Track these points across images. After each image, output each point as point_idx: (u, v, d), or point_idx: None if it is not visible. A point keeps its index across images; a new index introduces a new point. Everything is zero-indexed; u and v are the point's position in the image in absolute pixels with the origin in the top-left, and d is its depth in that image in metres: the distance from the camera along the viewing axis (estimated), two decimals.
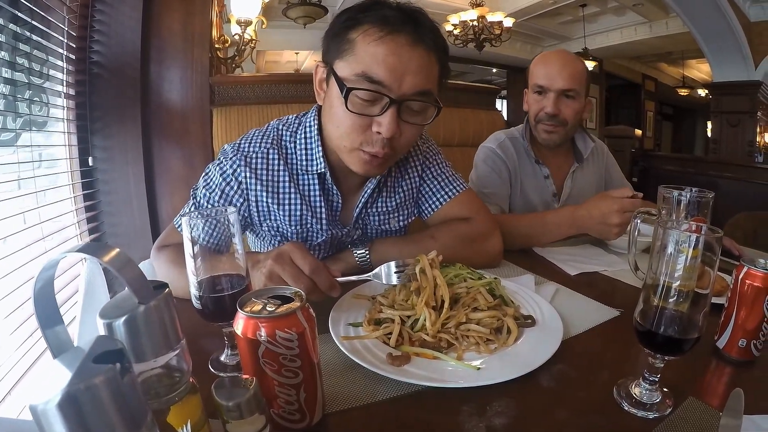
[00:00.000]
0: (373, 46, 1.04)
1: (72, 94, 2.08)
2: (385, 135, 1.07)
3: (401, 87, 1.05)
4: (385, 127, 1.06)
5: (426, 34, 1.08)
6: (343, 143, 1.13)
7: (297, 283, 0.90)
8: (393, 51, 1.04)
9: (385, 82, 1.04)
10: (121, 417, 0.36)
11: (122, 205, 2.34)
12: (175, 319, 0.51)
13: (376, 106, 1.07)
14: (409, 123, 1.11)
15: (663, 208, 1.15)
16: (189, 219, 0.76)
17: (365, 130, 1.09)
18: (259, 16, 3.24)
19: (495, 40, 7.79)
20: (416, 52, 1.06)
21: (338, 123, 1.11)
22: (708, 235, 0.66)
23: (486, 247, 1.36)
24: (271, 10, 6.90)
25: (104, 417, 0.35)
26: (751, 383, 0.80)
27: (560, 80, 1.82)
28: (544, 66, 1.87)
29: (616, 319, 1.04)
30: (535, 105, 1.89)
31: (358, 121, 1.08)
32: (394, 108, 1.06)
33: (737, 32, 7.38)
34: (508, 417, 0.71)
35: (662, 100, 13.78)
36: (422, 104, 1.11)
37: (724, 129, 8.60)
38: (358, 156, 1.13)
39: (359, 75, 1.04)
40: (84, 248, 0.48)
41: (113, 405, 0.36)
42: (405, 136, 1.13)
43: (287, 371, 0.61)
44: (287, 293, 0.66)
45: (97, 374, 0.35)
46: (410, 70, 1.05)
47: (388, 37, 1.04)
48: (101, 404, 0.35)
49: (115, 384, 0.36)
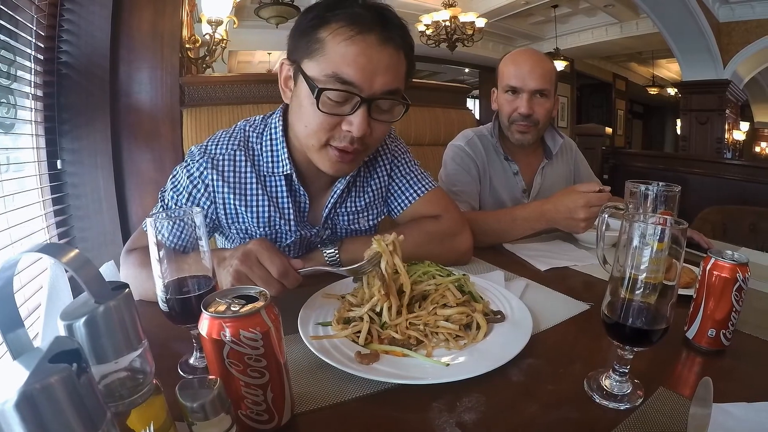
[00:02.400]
0: (343, 46, 1.04)
1: (40, 95, 2.02)
2: (356, 134, 1.07)
3: (372, 86, 1.06)
4: (356, 126, 1.07)
5: (395, 32, 1.09)
6: (311, 142, 1.13)
7: (267, 286, 0.90)
8: (363, 51, 1.04)
9: (356, 83, 1.04)
10: (79, 417, 0.36)
11: (92, 208, 2.29)
12: (136, 320, 0.50)
13: (347, 106, 1.07)
14: (378, 121, 1.12)
15: (630, 203, 1.16)
16: (154, 220, 0.75)
17: (334, 127, 1.09)
18: (231, 15, 3.21)
19: (467, 40, 7.85)
20: (386, 52, 1.06)
21: (307, 122, 1.11)
22: (672, 227, 0.67)
23: (456, 244, 1.37)
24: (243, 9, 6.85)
25: (61, 417, 0.35)
26: (721, 372, 0.83)
27: (532, 81, 1.83)
28: (515, 66, 1.87)
29: (586, 312, 1.06)
30: (507, 106, 1.89)
31: (328, 119, 1.08)
32: (364, 107, 1.06)
33: (706, 32, 7.55)
34: (479, 412, 0.71)
35: (633, 98, 14.06)
36: (391, 102, 1.12)
37: (694, 127, 8.78)
38: (327, 154, 1.13)
39: (330, 76, 1.04)
40: (43, 248, 0.47)
41: (70, 405, 0.35)
42: (375, 134, 1.14)
43: (253, 371, 0.60)
44: (252, 293, 0.66)
45: (52, 374, 0.34)
46: (380, 70, 1.06)
47: (358, 37, 1.04)
48: (58, 404, 0.34)
49: (71, 384, 0.35)
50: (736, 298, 0.86)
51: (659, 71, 12.61)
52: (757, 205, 3.25)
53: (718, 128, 8.62)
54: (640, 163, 6.75)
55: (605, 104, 12.87)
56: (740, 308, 0.87)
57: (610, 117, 12.64)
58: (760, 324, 1.00)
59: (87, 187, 2.27)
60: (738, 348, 0.90)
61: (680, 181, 1.17)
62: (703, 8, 7.27)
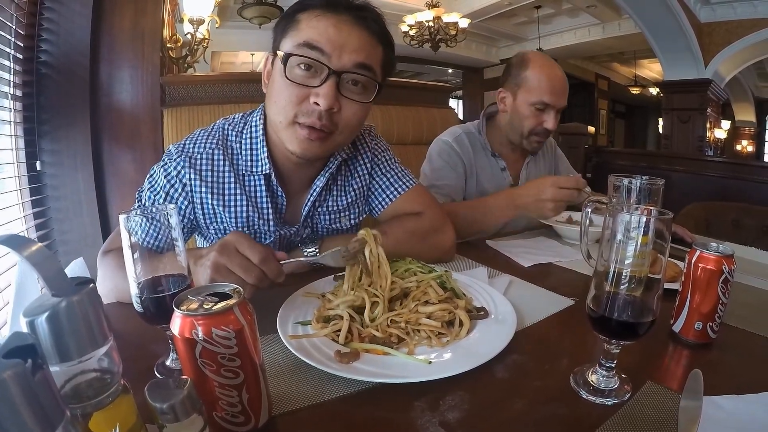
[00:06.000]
0: (315, 20, 1.07)
1: (19, 95, 1.99)
2: (323, 106, 1.07)
3: (341, 58, 1.07)
4: (322, 97, 1.07)
5: (369, 21, 1.11)
6: (279, 119, 1.12)
7: (248, 274, 0.89)
8: (334, 24, 1.07)
9: (325, 49, 1.06)
10: (34, 415, 0.34)
11: (72, 210, 2.26)
12: (101, 316, 0.48)
13: (316, 79, 1.08)
14: (348, 99, 1.12)
15: (614, 197, 1.16)
16: (127, 218, 0.72)
17: (302, 101, 1.09)
18: (213, 15, 3.19)
19: (450, 40, 7.90)
20: (357, 31, 1.09)
21: (276, 97, 1.11)
22: (655, 218, 0.66)
23: (438, 241, 1.36)
24: (226, 9, 6.84)
25: (14, 415, 0.33)
26: (709, 365, 0.82)
27: (563, 99, 1.86)
28: (550, 82, 1.84)
29: (571, 308, 1.05)
30: (533, 119, 1.88)
31: (296, 91, 1.08)
32: (333, 79, 1.07)
33: (688, 33, 7.65)
34: (462, 410, 0.70)
35: (615, 98, 14.22)
36: (363, 79, 1.12)
37: (675, 125, 8.88)
38: (296, 132, 1.12)
39: (300, 44, 1.07)
40: (4, 240, 0.45)
41: (24, 402, 0.33)
42: (345, 114, 1.13)
43: (227, 371, 0.58)
44: (226, 290, 0.64)
45: (5, 369, 0.32)
46: (351, 44, 1.08)
47: (330, 13, 1.07)
48: (10, 401, 0.32)
49: (24, 380, 0.33)
50: (723, 291, 0.86)
51: (641, 71, 12.74)
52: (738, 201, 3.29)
53: (699, 127, 8.72)
54: (623, 161, 6.80)
55: (588, 104, 12.98)
56: (727, 300, 0.87)
57: (593, 116, 12.76)
58: (747, 316, 1.01)
59: (67, 189, 2.24)
60: (725, 341, 0.90)
61: (662, 178, 1.17)
62: (685, 9, 7.36)
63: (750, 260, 1.40)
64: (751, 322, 0.98)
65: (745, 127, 12.95)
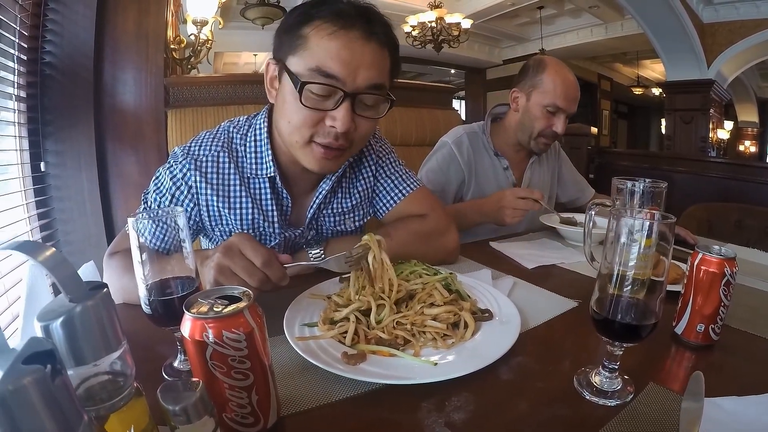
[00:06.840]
0: (326, 40, 1.04)
1: (23, 96, 2.00)
2: (339, 129, 1.07)
3: (355, 81, 1.05)
4: (339, 121, 1.06)
5: (378, 29, 1.08)
6: (295, 138, 1.12)
7: (251, 277, 0.89)
8: (346, 45, 1.04)
9: (339, 76, 1.04)
10: (54, 420, 0.34)
11: (76, 211, 2.26)
12: (114, 320, 0.49)
13: (330, 101, 1.07)
14: (362, 117, 1.11)
15: (617, 199, 1.16)
16: (135, 220, 0.73)
17: (317, 123, 1.09)
18: (216, 16, 3.19)
19: (453, 41, 7.89)
20: (369, 47, 1.06)
21: (290, 118, 1.10)
22: (659, 221, 0.67)
23: (442, 243, 1.36)
24: (229, 10, 6.84)
25: (35, 420, 0.33)
26: (711, 367, 0.83)
27: (574, 106, 1.91)
28: (564, 87, 1.87)
29: (575, 309, 1.06)
30: (544, 121, 1.91)
31: (311, 115, 1.07)
32: (348, 102, 1.06)
33: (690, 33, 7.64)
34: (468, 411, 0.70)
35: (618, 99, 14.15)
36: (375, 98, 1.12)
37: (678, 126, 8.87)
38: (312, 151, 1.12)
39: (313, 69, 1.04)
40: (18, 246, 0.45)
41: (44, 407, 0.33)
42: (360, 130, 1.13)
43: (237, 373, 0.59)
44: (235, 293, 0.64)
45: (25, 375, 0.33)
46: (364, 64, 1.05)
47: (341, 31, 1.04)
48: (31, 407, 0.33)
49: (45, 385, 0.34)
50: (725, 293, 0.86)
51: (644, 72, 12.72)
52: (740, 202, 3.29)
53: (702, 127, 8.71)
54: (626, 162, 6.79)
55: (590, 104, 12.93)
56: (729, 303, 0.87)
57: (596, 117, 12.72)
58: (749, 318, 1.01)
59: (71, 190, 2.24)
60: (727, 342, 0.91)
61: (665, 179, 1.17)
62: (688, 9, 7.36)
63: (752, 262, 1.41)
64: (753, 324, 0.99)
65: (748, 127, 12.93)
